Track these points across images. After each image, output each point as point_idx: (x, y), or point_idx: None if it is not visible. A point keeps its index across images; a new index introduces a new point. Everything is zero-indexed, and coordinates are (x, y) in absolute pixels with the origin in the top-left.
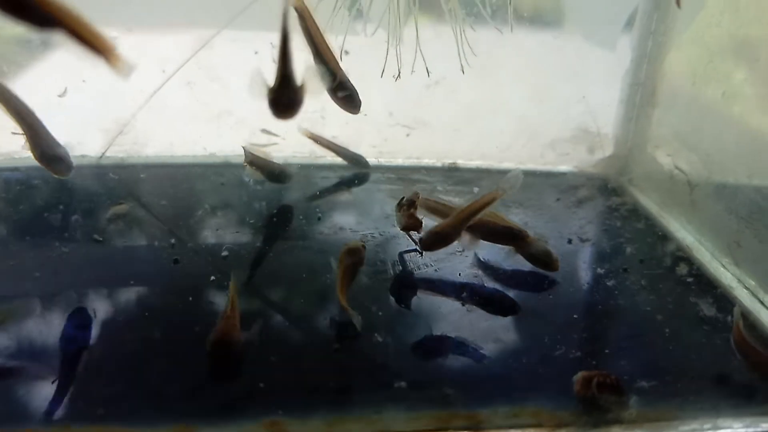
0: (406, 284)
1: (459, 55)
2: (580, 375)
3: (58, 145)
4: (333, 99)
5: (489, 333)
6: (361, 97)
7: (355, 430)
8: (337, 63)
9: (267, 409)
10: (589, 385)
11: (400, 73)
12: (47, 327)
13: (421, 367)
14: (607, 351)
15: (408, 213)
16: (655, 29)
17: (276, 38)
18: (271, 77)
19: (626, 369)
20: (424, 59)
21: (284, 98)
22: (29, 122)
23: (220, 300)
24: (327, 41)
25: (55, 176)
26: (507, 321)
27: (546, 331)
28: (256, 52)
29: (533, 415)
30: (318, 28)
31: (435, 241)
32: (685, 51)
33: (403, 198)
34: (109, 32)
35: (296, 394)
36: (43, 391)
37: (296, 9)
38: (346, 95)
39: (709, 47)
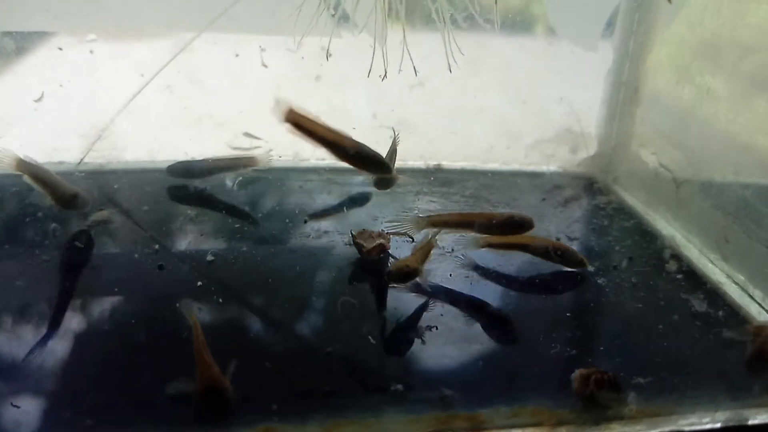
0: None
1: (447, 54)
2: (577, 373)
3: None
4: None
5: (481, 334)
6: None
7: None
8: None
9: (262, 416)
10: (587, 382)
11: (386, 73)
12: (23, 338)
13: (416, 370)
14: (601, 348)
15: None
16: (636, 29)
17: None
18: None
19: (622, 366)
20: (411, 59)
21: None
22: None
23: (208, 306)
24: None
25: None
26: (500, 321)
27: (539, 331)
28: (237, 55)
29: (533, 415)
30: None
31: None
32: (667, 50)
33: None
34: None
35: (291, 399)
36: (28, 402)
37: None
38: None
39: (691, 46)
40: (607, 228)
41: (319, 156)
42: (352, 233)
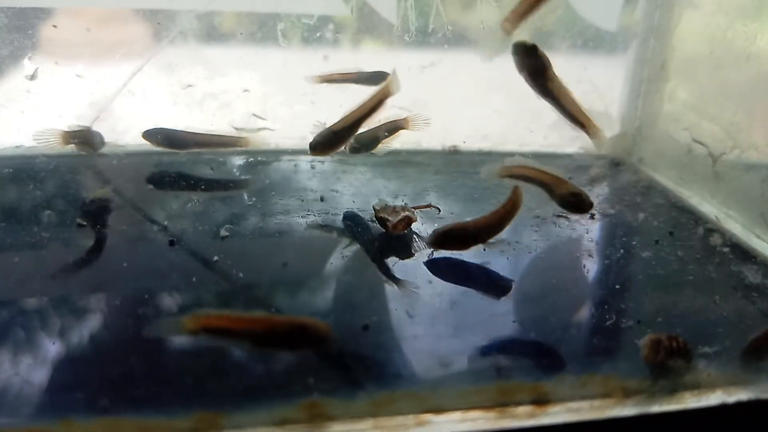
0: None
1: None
2: (647, 338)
3: None
4: None
5: (537, 308)
6: None
7: (406, 409)
8: None
9: (304, 391)
10: (657, 348)
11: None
12: (40, 315)
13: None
14: (659, 320)
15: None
16: (662, 2)
17: None
18: None
19: (684, 336)
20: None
21: None
22: None
23: (225, 280)
24: None
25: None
26: (545, 294)
27: (588, 303)
28: (241, 33)
29: (602, 384)
30: None
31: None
32: (699, 21)
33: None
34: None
35: (333, 374)
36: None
37: None
38: None
39: (727, 12)
40: (641, 205)
41: None
42: (374, 208)
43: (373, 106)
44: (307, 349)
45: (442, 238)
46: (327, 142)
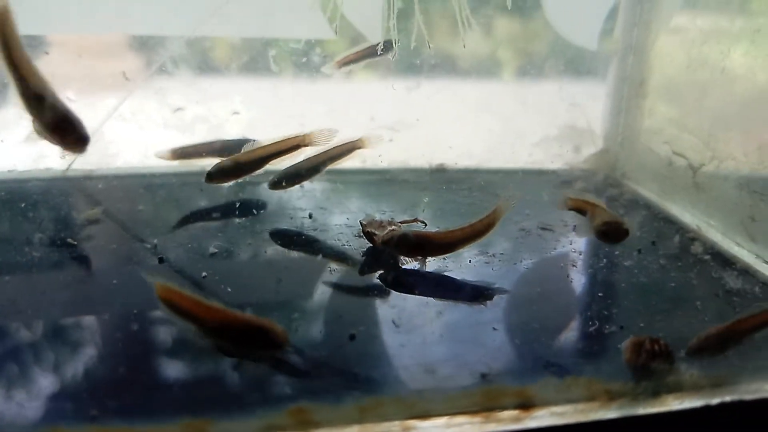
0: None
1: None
2: (628, 341)
3: None
4: None
5: (522, 316)
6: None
7: (391, 414)
8: None
9: (292, 397)
10: (639, 351)
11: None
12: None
13: (453, 349)
14: (642, 325)
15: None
16: (639, 20)
17: None
18: None
19: (668, 340)
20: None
21: None
22: None
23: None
24: None
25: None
26: (530, 302)
27: (572, 310)
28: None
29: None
30: None
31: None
32: (674, 37)
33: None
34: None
35: (322, 380)
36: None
37: None
38: None
39: (701, 29)
40: (624, 216)
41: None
42: (361, 222)
43: (288, 148)
44: (262, 351)
45: (400, 242)
46: (224, 173)
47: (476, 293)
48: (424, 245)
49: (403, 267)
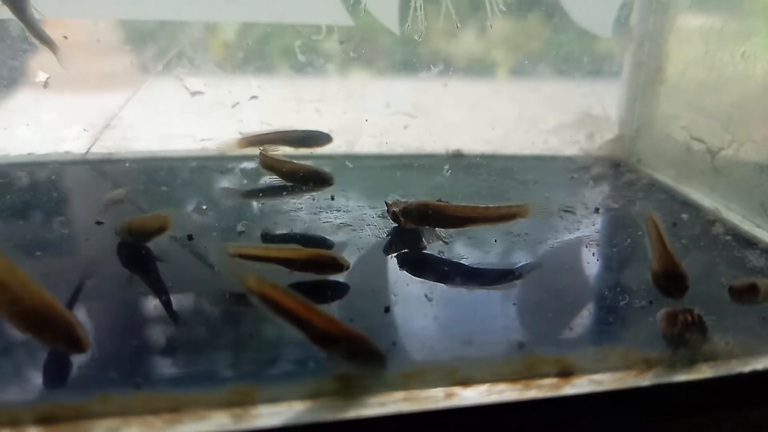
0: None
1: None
2: (663, 312)
3: None
4: None
5: (552, 291)
6: None
7: (434, 381)
8: None
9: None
10: (674, 321)
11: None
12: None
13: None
14: (670, 300)
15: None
16: (656, 7)
17: None
18: None
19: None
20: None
21: None
22: None
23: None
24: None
25: None
26: (559, 278)
27: (602, 286)
28: (248, 43)
29: (623, 356)
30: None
31: None
32: (692, 22)
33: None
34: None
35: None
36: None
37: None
38: None
39: (721, 13)
40: (643, 200)
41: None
42: (386, 202)
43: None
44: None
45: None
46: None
47: (506, 269)
48: (442, 214)
49: (429, 244)
